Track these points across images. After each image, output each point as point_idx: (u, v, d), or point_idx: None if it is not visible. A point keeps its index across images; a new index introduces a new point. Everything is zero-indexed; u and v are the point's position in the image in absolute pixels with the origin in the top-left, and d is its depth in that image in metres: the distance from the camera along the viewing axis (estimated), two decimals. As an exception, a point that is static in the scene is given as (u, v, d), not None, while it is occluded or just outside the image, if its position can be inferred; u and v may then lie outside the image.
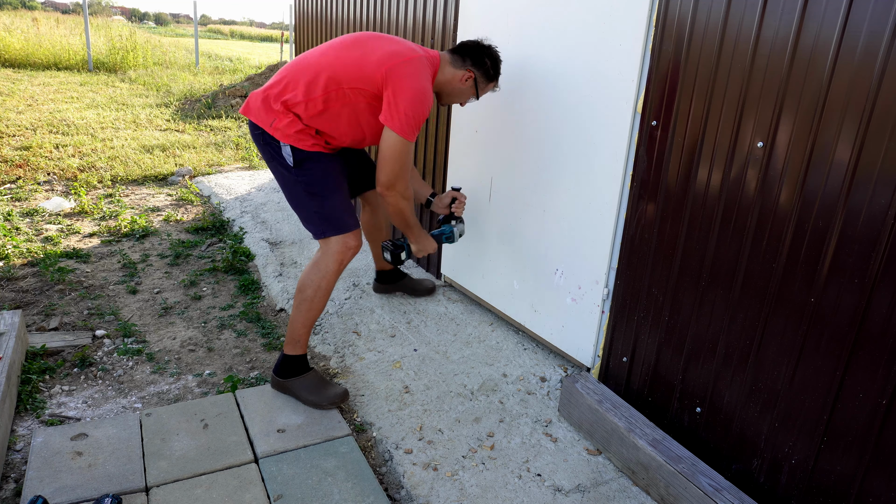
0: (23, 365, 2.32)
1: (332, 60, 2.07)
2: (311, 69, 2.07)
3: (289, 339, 2.21)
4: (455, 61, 2.24)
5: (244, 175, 5.44)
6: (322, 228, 2.16)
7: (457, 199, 2.61)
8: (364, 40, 2.13)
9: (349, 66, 2.05)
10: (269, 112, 2.10)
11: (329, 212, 2.16)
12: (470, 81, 2.25)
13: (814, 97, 1.49)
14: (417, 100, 2.02)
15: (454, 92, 2.29)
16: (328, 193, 2.16)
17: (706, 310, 1.82)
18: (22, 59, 11.68)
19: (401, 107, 2.00)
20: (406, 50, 2.09)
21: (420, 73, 2.06)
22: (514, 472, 1.93)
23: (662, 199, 1.92)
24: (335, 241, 2.16)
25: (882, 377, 1.42)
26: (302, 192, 2.16)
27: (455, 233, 2.63)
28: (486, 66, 2.25)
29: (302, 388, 2.18)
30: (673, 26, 1.82)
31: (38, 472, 1.76)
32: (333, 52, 2.10)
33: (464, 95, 2.31)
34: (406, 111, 2.00)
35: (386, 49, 2.07)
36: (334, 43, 2.15)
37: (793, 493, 1.64)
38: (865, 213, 1.41)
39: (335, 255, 2.16)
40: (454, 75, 2.24)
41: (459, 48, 2.27)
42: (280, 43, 18.10)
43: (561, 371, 2.47)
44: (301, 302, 2.18)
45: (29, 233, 3.71)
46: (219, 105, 8.64)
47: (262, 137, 2.14)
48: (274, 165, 2.18)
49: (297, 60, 2.14)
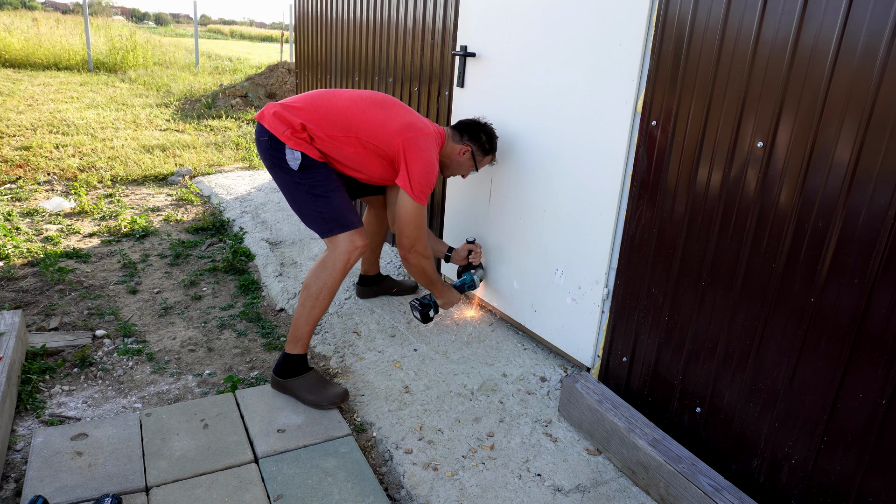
0: (23, 365, 2.32)
1: (359, 113, 2.23)
2: (337, 112, 2.22)
3: (291, 337, 2.23)
4: (454, 136, 2.45)
5: (244, 175, 5.44)
6: (328, 227, 2.21)
7: (473, 251, 2.76)
8: (389, 104, 2.32)
9: (372, 124, 2.23)
10: (283, 122, 2.18)
11: (333, 211, 2.21)
12: (467, 155, 2.45)
13: (814, 97, 1.49)
14: (427, 170, 2.23)
15: (453, 164, 2.49)
16: (330, 193, 2.22)
17: (706, 310, 1.82)
18: (22, 59, 11.68)
19: (414, 176, 2.21)
20: (421, 125, 2.30)
21: (430, 148, 2.28)
22: (514, 472, 1.93)
23: (662, 199, 1.92)
24: (343, 240, 2.20)
25: (882, 377, 1.42)
26: (305, 193, 2.21)
27: (476, 280, 2.76)
28: (482, 141, 2.46)
29: (302, 388, 2.19)
30: (673, 26, 1.82)
31: (38, 472, 1.76)
32: (362, 106, 2.25)
33: (463, 167, 2.51)
34: (419, 180, 2.21)
35: (405, 120, 2.27)
36: (364, 96, 2.31)
37: (793, 493, 1.64)
38: (865, 213, 1.41)
39: (343, 255, 2.19)
40: (454, 149, 2.44)
41: (459, 125, 2.48)
42: (280, 43, 18.09)
43: (561, 371, 2.47)
44: (306, 299, 2.20)
45: (29, 233, 3.71)
46: (219, 105, 8.64)
47: (268, 143, 2.20)
48: (275, 171, 2.24)
49: (325, 97, 2.27)
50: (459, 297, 2.66)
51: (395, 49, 3.45)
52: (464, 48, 2.72)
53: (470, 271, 2.77)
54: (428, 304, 2.57)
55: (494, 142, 2.51)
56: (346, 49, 4.12)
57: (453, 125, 2.49)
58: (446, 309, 2.66)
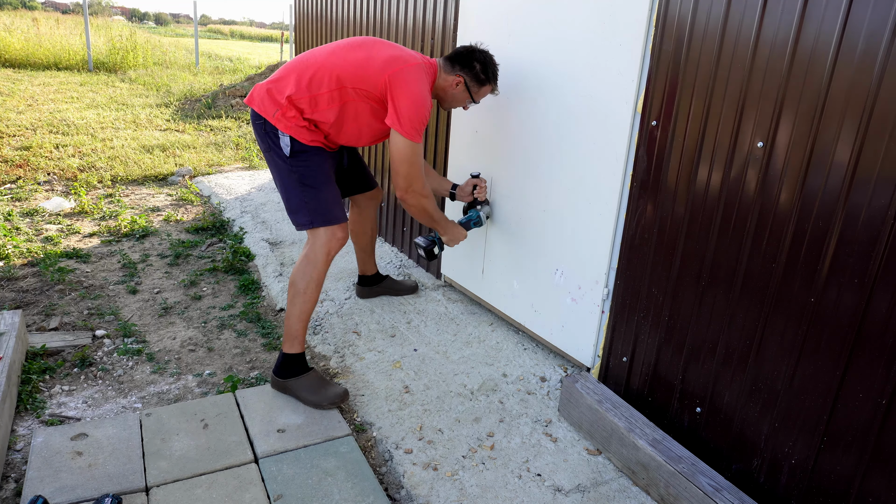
0: (23, 365, 2.32)
1: (339, 60, 2.14)
2: (317, 67, 2.13)
3: (286, 336, 2.23)
4: (447, 67, 2.29)
5: (244, 175, 5.44)
6: (311, 219, 2.20)
7: (478, 186, 2.65)
8: (369, 44, 2.21)
9: (354, 67, 2.12)
10: (273, 103, 2.15)
11: (319, 203, 2.20)
12: (461, 86, 2.30)
13: (814, 97, 1.49)
14: (417, 104, 2.10)
15: (448, 97, 2.35)
16: (320, 185, 2.21)
17: (706, 310, 1.82)
18: (22, 60, 11.68)
19: (404, 110, 2.09)
20: (407, 56, 2.17)
21: (419, 79, 2.14)
22: (514, 472, 1.93)
23: (662, 199, 1.92)
24: (323, 232, 2.20)
25: (882, 377, 1.42)
26: (295, 181, 2.20)
27: (482, 216, 2.67)
28: (476, 70, 2.27)
29: (302, 388, 2.18)
30: (673, 26, 1.82)
31: (38, 472, 1.76)
32: (340, 53, 2.16)
33: (458, 100, 2.36)
34: (408, 115, 2.09)
35: (389, 54, 2.14)
36: (341, 44, 2.22)
37: (793, 493, 1.64)
38: (865, 214, 1.41)
39: (323, 246, 2.20)
40: (447, 81, 2.29)
41: (452, 54, 2.32)
42: (280, 43, 18.09)
43: (561, 371, 2.47)
44: (294, 296, 2.21)
45: (29, 233, 3.71)
46: (219, 105, 8.64)
47: (262, 127, 2.19)
48: (270, 155, 2.22)
49: (304, 57, 2.19)
50: (464, 234, 2.59)
51: (395, 49, 3.45)
52: (464, 48, 2.72)
53: (476, 207, 2.69)
54: (432, 240, 2.50)
55: (490, 70, 2.30)
56: (346, 49, 4.11)
57: (446, 56, 2.33)
58: (451, 246, 2.59)
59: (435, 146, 3.16)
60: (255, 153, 6.32)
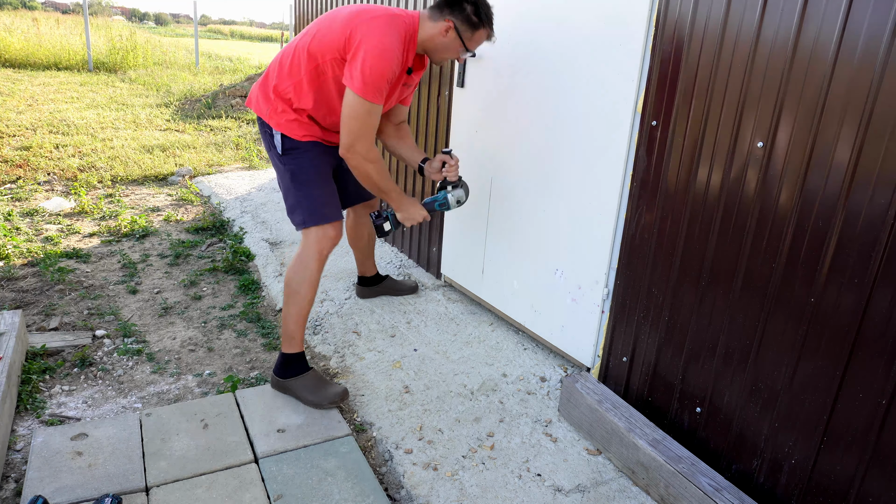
0: (23, 365, 2.32)
1: (313, 38, 2.04)
2: (293, 52, 2.09)
3: (284, 336, 2.23)
4: (433, 15, 2.06)
5: (244, 175, 5.44)
6: (303, 218, 2.18)
7: (446, 163, 2.34)
8: (337, 10, 2.06)
9: (322, 38, 2.02)
10: (266, 100, 2.16)
11: (311, 202, 2.18)
12: (452, 32, 2.05)
13: (814, 97, 1.49)
14: (378, 56, 1.88)
15: (438, 47, 2.10)
16: (311, 182, 2.18)
17: (706, 310, 1.82)
18: (22, 59, 11.67)
19: (359, 64, 1.89)
20: (376, 10, 1.98)
21: (384, 30, 1.92)
22: (514, 472, 1.93)
23: (662, 199, 1.92)
24: (314, 231, 2.18)
25: (882, 377, 1.42)
26: (289, 179, 2.19)
27: (450, 199, 2.34)
28: (467, 12, 2.02)
29: (302, 388, 2.18)
30: (673, 26, 1.82)
31: (38, 472, 1.76)
32: (314, 30, 2.07)
33: (450, 50, 2.11)
34: (364, 69, 1.88)
35: (353, 10, 2.00)
36: (314, 22, 2.12)
37: (793, 493, 1.64)
38: (865, 214, 1.41)
39: (314, 245, 2.18)
40: (434, 29, 2.06)
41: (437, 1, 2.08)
42: (280, 43, 18.09)
43: (561, 371, 2.47)
44: (289, 296, 2.20)
45: (29, 233, 3.71)
46: (219, 105, 8.64)
47: (262, 126, 2.21)
48: (272, 154, 2.23)
49: (289, 46, 2.16)
50: (424, 215, 2.31)
51: (395, 49, 3.45)
52: (464, 48, 2.71)
53: (446, 188, 2.38)
54: (385, 216, 2.26)
55: (483, 11, 2.05)
56: (346, 49, 4.11)
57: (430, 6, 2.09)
58: (407, 225, 2.32)
59: (435, 145, 3.16)
60: (256, 153, 6.32)
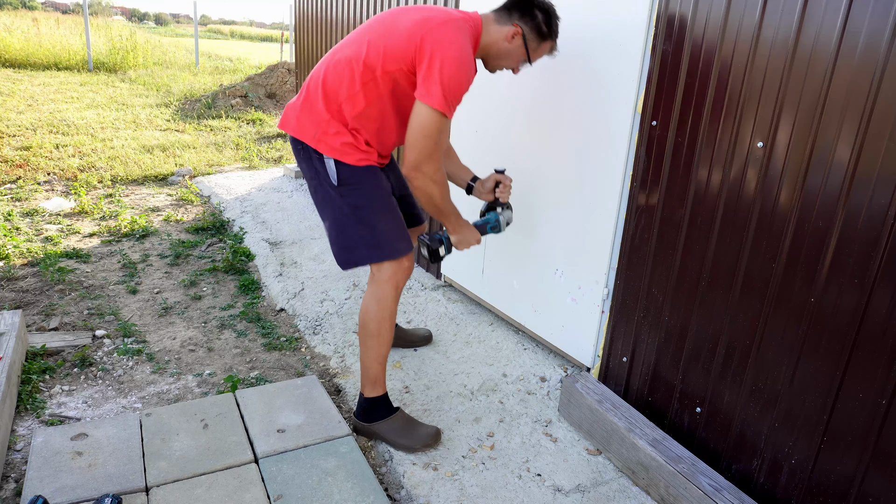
0: (23, 365, 2.32)
1: (360, 47, 1.81)
2: (343, 66, 1.83)
3: (365, 380, 2.04)
4: (500, 18, 1.91)
5: (244, 175, 5.44)
6: (368, 254, 1.93)
7: (501, 183, 2.21)
8: (391, 16, 1.86)
9: (378, 47, 1.79)
10: (311, 123, 1.87)
11: (380, 236, 1.92)
12: (518, 39, 1.90)
13: (814, 97, 1.49)
14: (456, 66, 1.72)
15: (500, 54, 1.94)
16: (379, 215, 1.92)
17: (706, 310, 1.82)
18: (22, 60, 11.68)
19: (436, 75, 1.71)
20: (439, 13, 1.81)
21: (458, 37, 1.75)
22: (514, 472, 1.93)
23: (662, 200, 1.92)
24: (388, 267, 1.94)
25: (882, 377, 1.42)
26: (348, 214, 1.90)
27: (501, 221, 2.25)
28: (538, 20, 1.90)
29: (391, 432, 2.02)
30: (673, 26, 1.82)
31: (38, 472, 1.76)
32: (361, 38, 1.84)
33: (512, 57, 1.95)
34: (442, 80, 1.70)
35: (415, 17, 1.79)
36: (361, 29, 1.89)
37: (793, 493, 1.64)
38: (865, 214, 1.41)
39: (390, 281, 1.94)
40: (499, 33, 1.90)
41: (505, 2, 1.93)
42: (280, 43, 18.09)
43: (561, 371, 2.47)
44: (367, 339, 1.99)
45: (29, 233, 3.71)
46: (219, 105, 8.64)
47: (303, 153, 1.92)
48: (316, 184, 1.93)
49: (328, 57, 1.90)
50: (478, 238, 2.14)
51: (395, 49, 3.45)
52: (464, 48, 2.71)
53: (496, 210, 2.26)
54: (438, 239, 2.11)
55: (554, 22, 1.93)
56: (346, 49, 4.11)
57: (497, 7, 1.94)
58: (461, 249, 2.13)
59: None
60: (255, 153, 6.32)
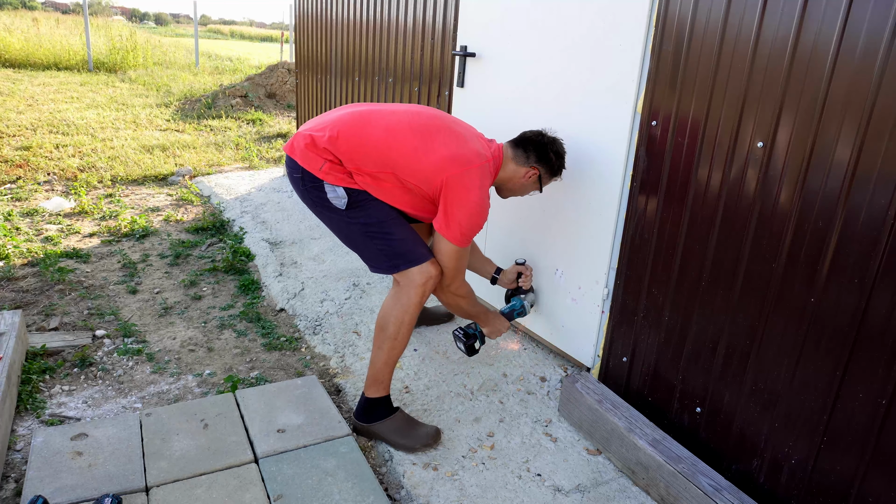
0: (23, 365, 2.32)
1: (395, 146, 1.91)
2: (371, 147, 1.92)
3: (370, 380, 2.05)
4: (518, 157, 2.09)
5: (244, 175, 5.44)
6: (394, 263, 1.99)
7: (523, 274, 2.48)
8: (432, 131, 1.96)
9: (409, 159, 1.91)
10: (319, 156, 1.94)
11: (397, 246, 1.98)
12: (534, 178, 2.11)
13: (814, 97, 1.49)
14: (475, 213, 1.92)
15: (516, 188, 2.16)
16: (390, 227, 1.98)
17: (706, 310, 1.82)
18: (22, 59, 11.67)
19: (457, 218, 1.90)
20: (470, 155, 1.94)
21: (480, 184, 1.93)
22: (514, 472, 1.93)
23: (662, 200, 1.92)
24: (416, 272, 1.97)
25: (882, 377, 1.42)
26: (360, 233, 1.99)
27: (526, 306, 2.50)
28: (552, 163, 2.10)
29: (390, 432, 2.04)
30: (673, 26, 1.82)
31: (38, 472, 1.76)
32: (399, 137, 1.93)
33: (525, 190, 2.18)
34: (461, 223, 1.91)
35: (448, 152, 1.91)
36: (403, 123, 1.96)
37: (793, 493, 1.64)
38: (865, 214, 1.41)
39: (418, 288, 1.97)
40: (516, 172, 2.10)
41: (522, 141, 2.10)
42: (280, 43, 18.09)
43: (561, 371, 2.47)
44: (383, 341, 2.01)
45: (29, 233, 3.71)
46: (219, 105, 8.64)
47: (301, 181, 1.98)
48: (319, 210, 2.02)
49: (362, 126, 1.94)
50: (507, 325, 2.36)
51: (395, 49, 3.45)
52: (464, 48, 2.72)
53: (520, 296, 2.50)
54: (473, 333, 2.29)
55: (564, 161, 2.14)
56: (347, 49, 4.12)
57: (514, 141, 2.11)
58: (493, 338, 2.36)
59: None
60: (255, 153, 6.32)
